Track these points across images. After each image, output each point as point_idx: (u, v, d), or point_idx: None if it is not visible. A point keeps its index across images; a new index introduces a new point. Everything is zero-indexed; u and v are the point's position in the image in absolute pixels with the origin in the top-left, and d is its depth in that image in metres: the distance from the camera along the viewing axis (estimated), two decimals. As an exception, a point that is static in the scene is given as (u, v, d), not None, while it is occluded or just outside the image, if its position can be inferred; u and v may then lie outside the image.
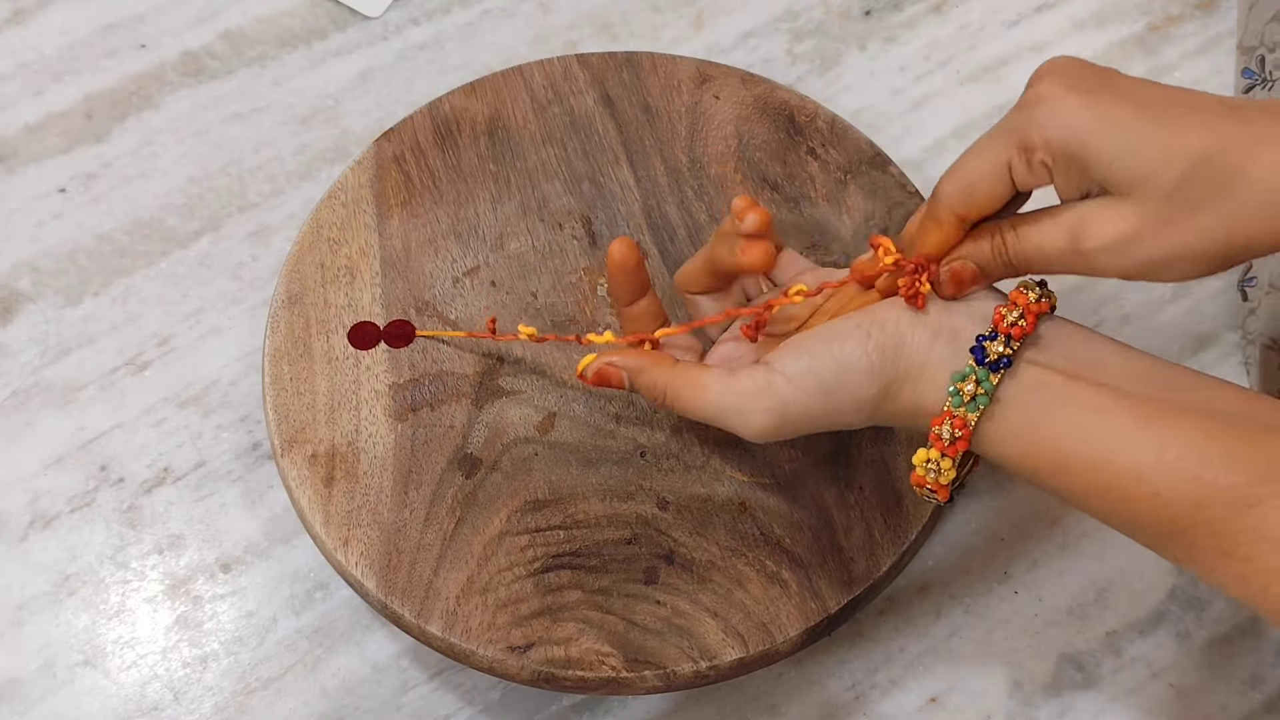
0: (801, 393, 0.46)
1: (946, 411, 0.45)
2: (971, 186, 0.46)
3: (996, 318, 0.45)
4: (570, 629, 0.53)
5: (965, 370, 0.44)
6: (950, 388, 0.45)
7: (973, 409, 0.44)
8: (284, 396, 0.57)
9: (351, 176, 0.63)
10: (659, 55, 0.66)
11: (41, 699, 0.57)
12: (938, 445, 0.45)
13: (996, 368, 0.44)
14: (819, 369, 0.46)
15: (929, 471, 0.46)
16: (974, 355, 0.44)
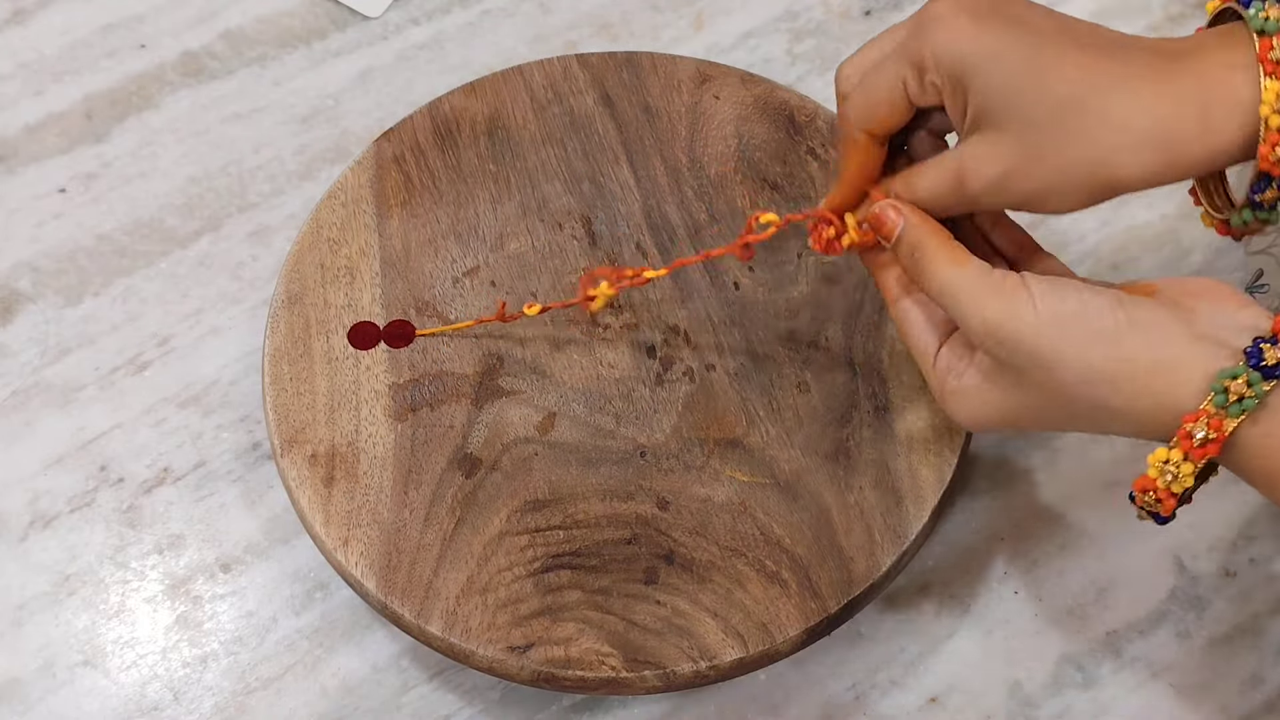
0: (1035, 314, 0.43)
1: (1203, 410, 0.41)
2: (872, 105, 0.47)
3: (1277, 325, 0.42)
4: (570, 629, 0.53)
5: (1236, 369, 0.41)
6: (1215, 384, 0.41)
7: (1236, 411, 0.41)
8: (284, 396, 0.57)
9: (351, 176, 0.63)
10: (659, 55, 0.66)
11: (41, 699, 0.57)
12: (1184, 445, 0.42)
13: (1272, 374, 0.41)
14: (1059, 303, 0.43)
15: (1164, 474, 0.43)
16: (1248, 357, 0.41)
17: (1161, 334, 0.43)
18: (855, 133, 0.48)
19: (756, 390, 0.58)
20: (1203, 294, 0.44)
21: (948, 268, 0.46)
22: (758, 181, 0.63)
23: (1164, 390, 0.42)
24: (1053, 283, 0.44)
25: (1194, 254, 0.68)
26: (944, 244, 0.47)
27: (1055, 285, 0.44)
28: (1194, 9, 0.75)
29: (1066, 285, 0.44)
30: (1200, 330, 0.43)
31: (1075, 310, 0.43)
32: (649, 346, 0.59)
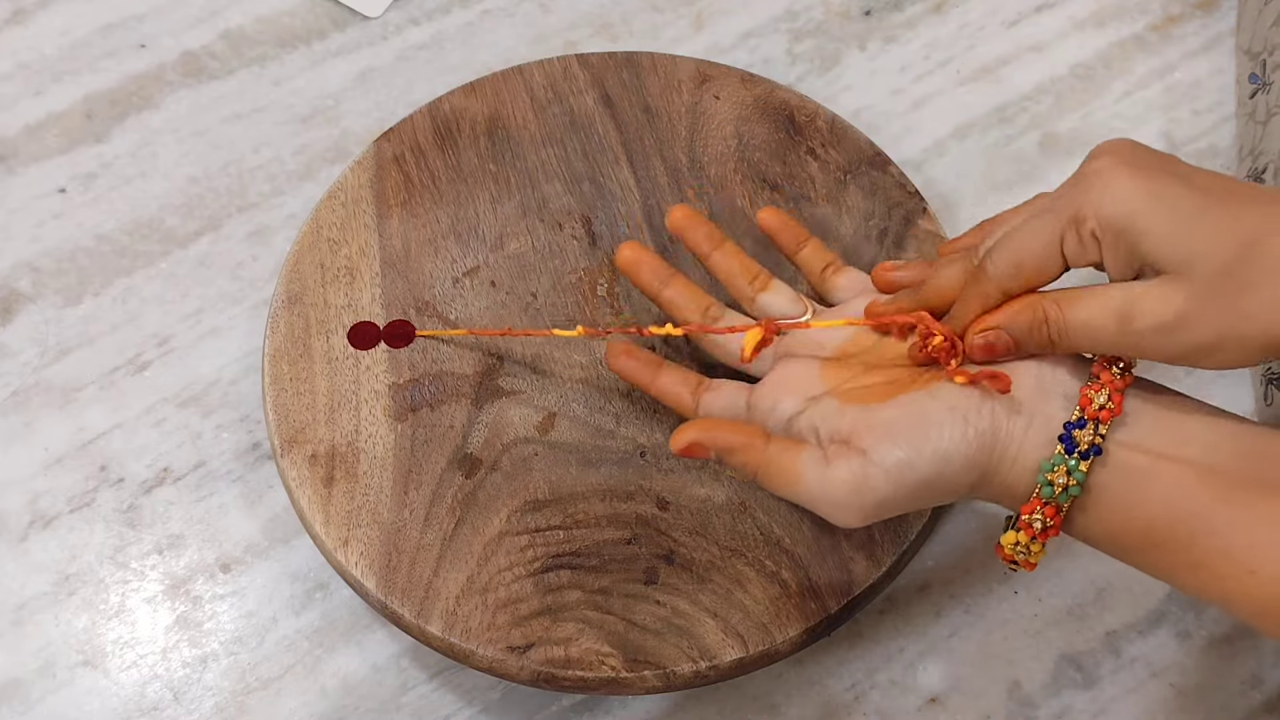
0: (899, 488, 0.45)
1: (1036, 500, 0.44)
2: (1022, 262, 0.46)
3: (1083, 401, 0.44)
4: (570, 629, 0.53)
5: (1055, 460, 0.44)
6: (1041, 478, 0.44)
7: (1065, 498, 0.44)
8: (284, 396, 0.57)
9: (351, 176, 0.63)
10: (659, 55, 0.66)
11: (41, 699, 0.57)
12: (1028, 531, 0.45)
13: (1086, 456, 0.43)
14: (917, 463, 0.44)
15: (1018, 552, 0.46)
16: (1063, 444, 0.44)
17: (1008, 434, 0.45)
18: (995, 289, 0.46)
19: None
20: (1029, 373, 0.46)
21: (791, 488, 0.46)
22: (758, 181, 0.63)
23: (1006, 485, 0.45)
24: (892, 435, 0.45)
25: (1194, 254, 0.68)
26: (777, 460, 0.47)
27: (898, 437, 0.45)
28: (1193, 9, 0.75)
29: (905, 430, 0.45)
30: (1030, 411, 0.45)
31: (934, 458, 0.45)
32: (649, 347, 0.59)
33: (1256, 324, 0.41)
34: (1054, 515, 0.44)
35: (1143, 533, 0.43)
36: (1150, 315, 0.43)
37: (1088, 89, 0.73)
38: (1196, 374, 0.65)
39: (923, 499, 0.45)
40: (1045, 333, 0.45)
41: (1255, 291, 0.41)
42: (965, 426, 0.44)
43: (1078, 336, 0.45)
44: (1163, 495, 0.43)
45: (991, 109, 0.72)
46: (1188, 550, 0.42)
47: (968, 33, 0.74)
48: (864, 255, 0.61)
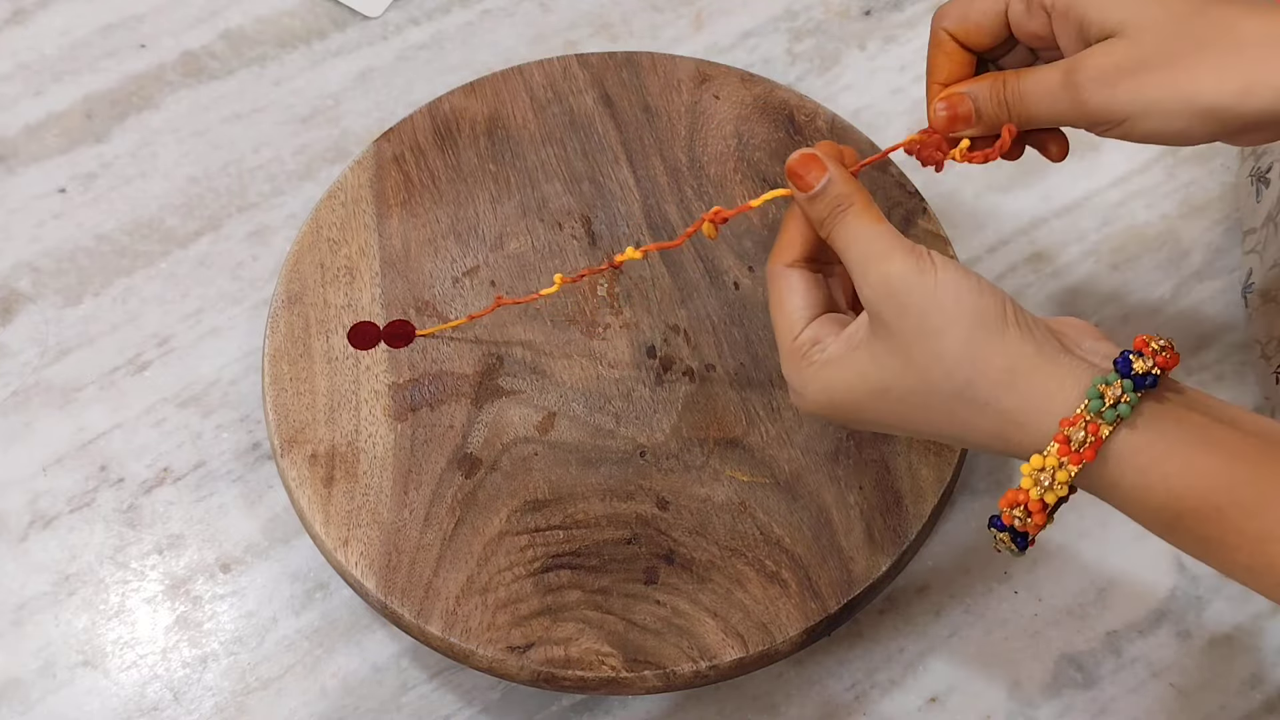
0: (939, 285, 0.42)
1: (1079, 415, 0.40)
2: (965, 15, 0.47)
3: (1139, 343, 0.42)
4: (570, 629, 0.53)
5: (1110, 376, 0.41)
6: (1092, 390, 0.40)
7: (1111, 416, 0.40)
8: (284, 396, 0.57)
9: (351, 176, 0.63)
10: (659, 55, 0.66)
11: (41, 699, 0.57)
12: (1062, 450, 0.41)
13: (1141, 383, 0.40)
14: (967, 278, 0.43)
15: (1038, 483, 0.41)
16: (1118, 367, 0.41)
17: (1040, 341, 0.42)
18: (941, 35, 0.48)
19: (756, 390, 0.58)
20: (1067, 327, 0.45)
21: (866, 221, 0.45)
22: (757, 181, 0.63)
23: (1037, 391, 0.42)
24: (958, 265, 0.44)
25: (1194, 254, 0.68)
26: (869, 202, 0.46)
27: (960, 266, 0.44)
28: (1194, 9, 0.75)
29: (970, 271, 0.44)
30: (1069, 349, 0.43)
31: (973, 289, 0.43)
32: (649, 346, 0.59)
33: (1196, 86, 0.42)
34: (1095, 432, 0.40)
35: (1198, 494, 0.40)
36: (1092, 67, 0.43)
37: (1088, 89, 0.73)
38: (1196, 374, 0.65)
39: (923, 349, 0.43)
40: (1001, 95, 0.46)
41: (1198, 53, 0.42)
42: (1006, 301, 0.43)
43: (1030, 100, 0.45)
44: (1223, 459, 0.40)
45: (991, 109, 0.72)
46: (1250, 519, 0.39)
47: (968, 32, 0.74)
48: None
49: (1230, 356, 0.65)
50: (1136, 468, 0.41)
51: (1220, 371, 0.65)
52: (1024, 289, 0.67)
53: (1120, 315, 0.66)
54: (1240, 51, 0.42)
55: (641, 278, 0.61)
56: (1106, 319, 0.66)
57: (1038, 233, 0.69)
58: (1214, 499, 0.39)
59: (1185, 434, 0.41)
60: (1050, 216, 0.69)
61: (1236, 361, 0.65)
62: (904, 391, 0.43)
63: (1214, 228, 0.69)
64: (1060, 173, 0.70)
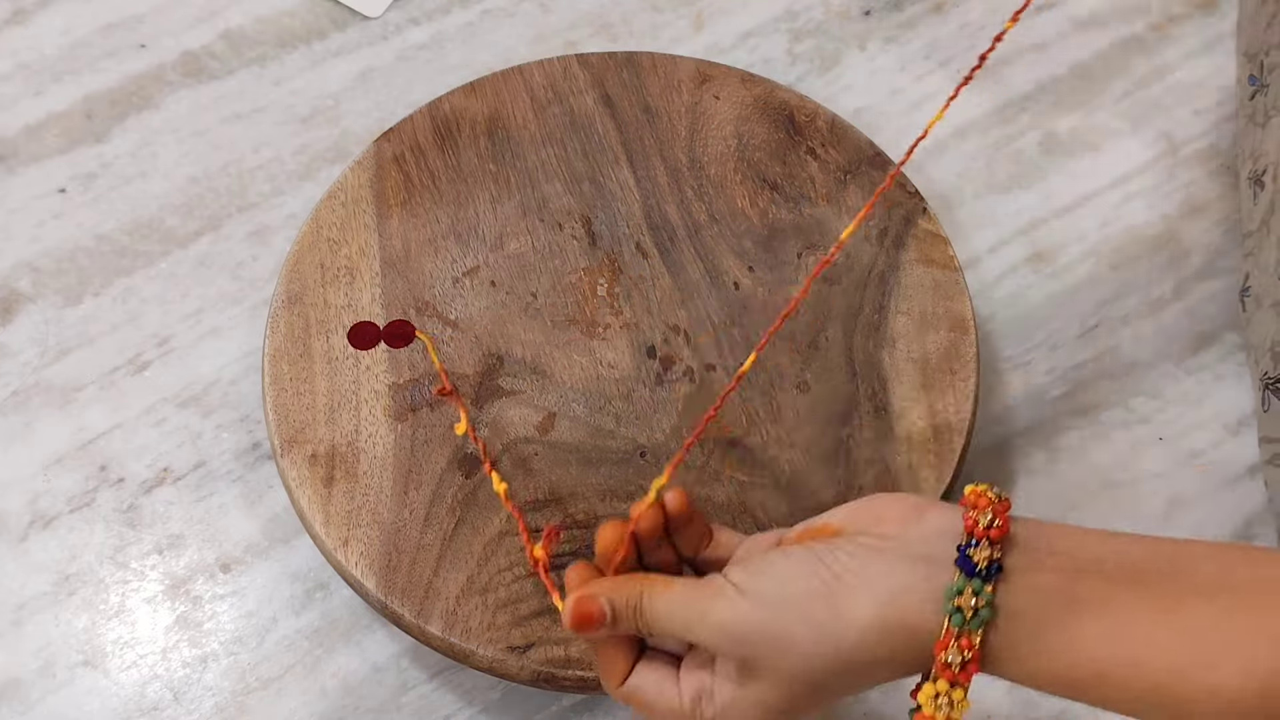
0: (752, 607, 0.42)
1: (948, 633, 0.40)
2: None
3: (969, 523, 0.41)
4: (570, 629, 0.53)
5: (957, 584, 0.40)
6: (946, 606, 0.40)
7: (977, 624, 0.40)
8: (284, 396, 0.57)
9: (351, 176, 0.63)
10: (659, 55, 0.66)
11: (41, 699, 0.57)
12: (945, 675, 0.40)
13: (989, 576, 0.40)
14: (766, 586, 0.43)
15: (939, 709, 0.41)
16: (961, 567, 0.40)
17: (872, 574, 0.41)
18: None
19: (756, 390, 0.58)
20: (887, 517, 0.43)
21: (661, 600, 0.44)
22: (757, 181, 0.63)
23: (902, 625, 0.41)
24: (748, 568, 0.43)
25: (1194, 254, 0.68)
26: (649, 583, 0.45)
27: (751, 569, 0.43)
28: (1193, 9, 0.75)
29: (761, 564, 0.43)
30: (905, 552, 0.42)
31: (780, 585, 0.42)
32: (649, 346, 0.59)
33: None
34: (970, 646, 0.40)
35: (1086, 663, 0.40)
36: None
37: (1088, 89, 0.73)
38: (1196, 375, 0.65)
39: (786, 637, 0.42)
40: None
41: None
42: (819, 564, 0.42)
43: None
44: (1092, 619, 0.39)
45: (991, 109, 0.72)
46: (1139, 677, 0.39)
47: (968, 33, 0.74)
48: (864, 255, 0.61)
49: (1230, 357, 0.65)
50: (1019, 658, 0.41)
51: (1220, 372, 0.65)
52: (1024, 289, 0.67)
53: (1120, 315, 0.66)
54: None
55: (641, 278, 0.61)
56: (1106, 319, 0.66)
57: (1038, 233, 0.69)
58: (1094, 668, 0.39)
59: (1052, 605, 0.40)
60: (1050, 216, 0.69)
61: (1236, 362, 0.65)
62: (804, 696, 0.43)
63: (1214, 229, 0.69)
64: (1060, 173, 0.70)
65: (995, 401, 0.64)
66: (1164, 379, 0.65)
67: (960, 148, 0.71)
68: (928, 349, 0.59)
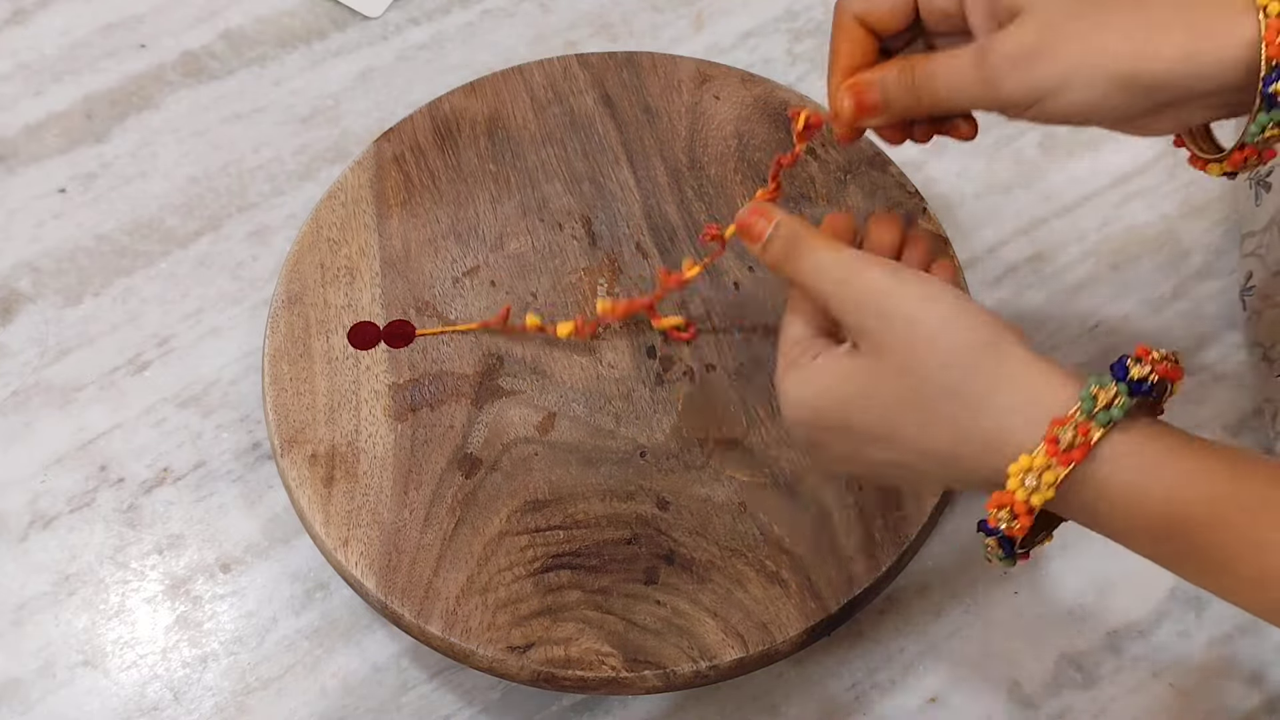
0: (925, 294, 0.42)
1: (1071, 415, 0.39)
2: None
3: (1141, 350, 0.40)
4: (570, 629, 0.53)
5: (1104, 378, 0.39)
6: (1085, 391, 0.39)
7: (1104, 419, 0.39)
8: (284, 396, 0.57)
9: (351, 176, 0.63)
10: (659, 55, 0.66)
11: (41, 699, 0.57)
12: (1050, 450, 0.39)
13: (1136, 390, 0.39)
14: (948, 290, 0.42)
15: (1024, 484, 0.40)
16: (1114, 370, 0.40)
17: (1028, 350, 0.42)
18: (848, 16, 0.46)
19: (756, 390, 0.58)
20: None
21: (828, 250, 0.44)
22: (758, 181, 0.63)
23: (1030, 390, 0.40)
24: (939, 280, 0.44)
25: (1194, 254, 0.68)
26: (821, 234, 0.45)
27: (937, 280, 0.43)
28: (1194, 9, 0.75)
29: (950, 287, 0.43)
30: None
31: (958, 297, 0.42)
32: (649, 346, 0.59)
33: (1108, 55, 0.41)
34: (1086, 432, 0.39)
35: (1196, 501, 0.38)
36: (1002, 48, 0.42)
37: (1088, 89, 0.73)
38: (1196, 376, 0.65)
39: None
40: (911, 79, 0.44)
41: (1104, 21, 0.41)
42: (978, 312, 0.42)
43: (939, 83, 0.44)
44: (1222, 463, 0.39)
45: (991, 109, 0.72)
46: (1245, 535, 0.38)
47: (968, 33, 0.74)
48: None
49: (1230, 357, 0.65)
50: (1129, 470, 0.39)
51: (1220, 372, 0.65)
52: (1024, 289, 0.67)
53: (1120, 315, 0.66)
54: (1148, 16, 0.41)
55: (641, 278, 0.61)
56: (1107, 319, 0.66)
57: (1038, 233, 0.69)
58: (1217, 506, 0.38)
59: (1181, 441, 0.40)
60: (1050, 216, 0.69)
61: (1236, 362, 0.65)
62: (892, 394, 0.42)
63: (1214, 229, 0.69)
64: (1060, 173, 0.70)
65: (995, 401, 0.64)
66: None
67: (960, 147, 0.70)
68: (928, 349, 0.59)
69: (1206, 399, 0.64)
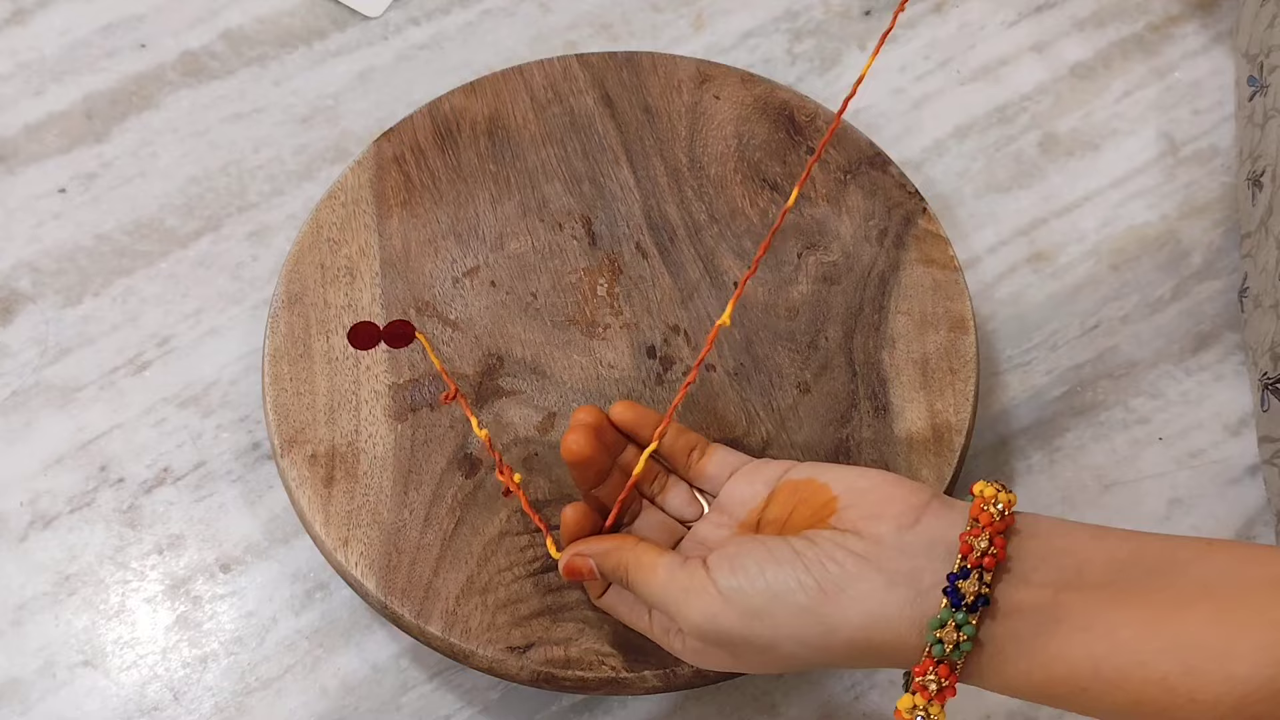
0: (731, 609, 0.43)
1: (928, 660, 0.41)
2: None
3: (964, 549, 0.41)
4: (570, 629, 0.53)
5: (943, 615, 0.41)
6: (930, 636, 0.41)
7: (957, 655, 0.41)
8: (284, 396, 0.57)
9: (351, 176, 0.63)
10: (659, 55, 0.66)
11: (41, 699, 0.57)
12: (924, 694, 0.42)
13: (974, 608, 0.41)
14: (749, 592, 0.43)
15: (916, 717, 0.42)
16: (949, 598, 0.41)
17: (859, 591, 0.42)
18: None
19: (756, 390, 0.58)
20: (885, 513, 0.44)
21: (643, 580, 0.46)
22: (758, 181, 0.63)
23: (883, 644, 0.42)
24: (732, 565, 0.44)
25: (1194, 254, 0.68)
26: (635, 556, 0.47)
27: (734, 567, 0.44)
28: (1193, 9, 0.75)
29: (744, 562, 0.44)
30: (893, 568, 0.42)
31: (765, 595, 0.43)
32: (649, 346, 0.59)
33: None
34: (949, 674, 0.41)
35: (1066, 677, 0.40)
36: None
37: (1088, 89, 0.73)
38: (1195, 376, 0.65)
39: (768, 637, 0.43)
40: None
41: None
42: (805, 574, 0.43)
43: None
44: (1074, 635, 0.40)
45: (991, 109, 0.72)
46: (1121, 689, 0.39)
47: (968, 33, 0.74)
48: (864, 255, 0.61)
49: (1230, 357, 0.65)
50: (993, 679, 0.42)
51: (1220, 372, 0.65)
52: (1024, 289, 0.67)
53: (1120, 315, 0.66)
54: None
55: (641, 278, 0.61)
56: (1106, 320, 0.66)
57: (1038, 233, 0.69)
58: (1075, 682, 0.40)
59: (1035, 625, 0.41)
60: (1050, 216, 0.69)
61: (1236, 362, 0.65)
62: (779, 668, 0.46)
63: (1214, 229, 0.69)
64: (1060, 173, 0.70)
65: (995, 401, 0.64)
66: (1164, 379, 0.65)
67: (960, 148, 0.71)
68: (928, 349, 0.59)
69: (1206, 399, 0.64)
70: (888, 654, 0.42)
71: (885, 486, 0.45)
